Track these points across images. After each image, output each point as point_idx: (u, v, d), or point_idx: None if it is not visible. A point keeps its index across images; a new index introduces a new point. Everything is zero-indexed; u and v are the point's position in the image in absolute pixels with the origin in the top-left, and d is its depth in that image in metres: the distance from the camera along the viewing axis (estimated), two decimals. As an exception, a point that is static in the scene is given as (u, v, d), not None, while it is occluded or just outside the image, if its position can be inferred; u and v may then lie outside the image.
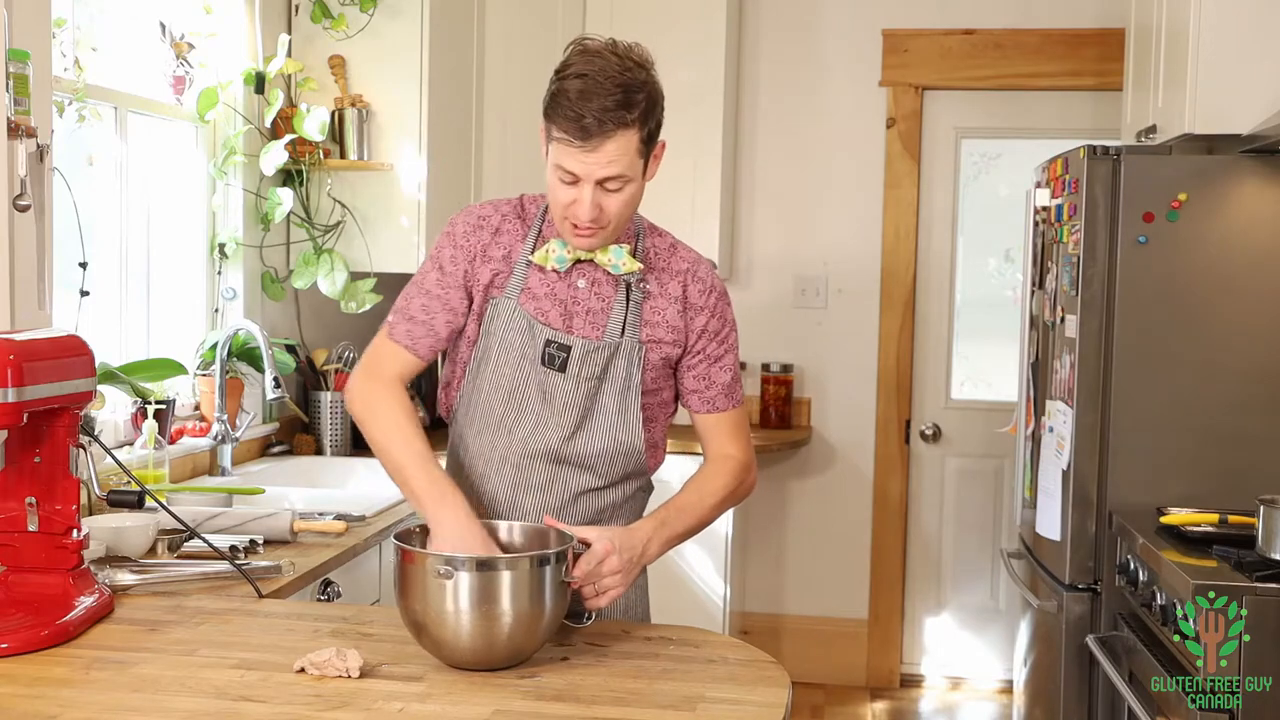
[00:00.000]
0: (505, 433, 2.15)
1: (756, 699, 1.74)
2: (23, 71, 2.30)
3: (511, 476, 2.16)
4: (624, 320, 2.13)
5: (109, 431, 3.07)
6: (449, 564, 1.78)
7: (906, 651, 4.99)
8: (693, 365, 2.19)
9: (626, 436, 2.16)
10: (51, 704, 1.69)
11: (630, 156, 1.99)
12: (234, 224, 3.62)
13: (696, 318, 2.17)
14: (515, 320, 2.12)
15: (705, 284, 2.19)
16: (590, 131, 1.95)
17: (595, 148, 1.96)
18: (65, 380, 1.98)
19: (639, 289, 2.14)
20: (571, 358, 2.11)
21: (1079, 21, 4.73)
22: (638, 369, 2.13)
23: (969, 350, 4.99)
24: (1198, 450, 3.20)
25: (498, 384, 2.14)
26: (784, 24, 4.91)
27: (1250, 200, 3.18)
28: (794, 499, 5.00)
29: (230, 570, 2.28)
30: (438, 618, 1.79)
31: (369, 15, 3.78)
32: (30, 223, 2.36)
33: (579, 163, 1.98)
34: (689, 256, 2.22)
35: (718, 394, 2.21)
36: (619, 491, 2.21)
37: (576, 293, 2.13)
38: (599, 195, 2.01)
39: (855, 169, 4.91)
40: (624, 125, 1.96)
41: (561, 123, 1.97)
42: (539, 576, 1.82)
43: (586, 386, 2.13)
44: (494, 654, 1.81)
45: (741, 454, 2.23)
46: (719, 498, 2.19)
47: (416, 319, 2.14)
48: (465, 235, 2.16)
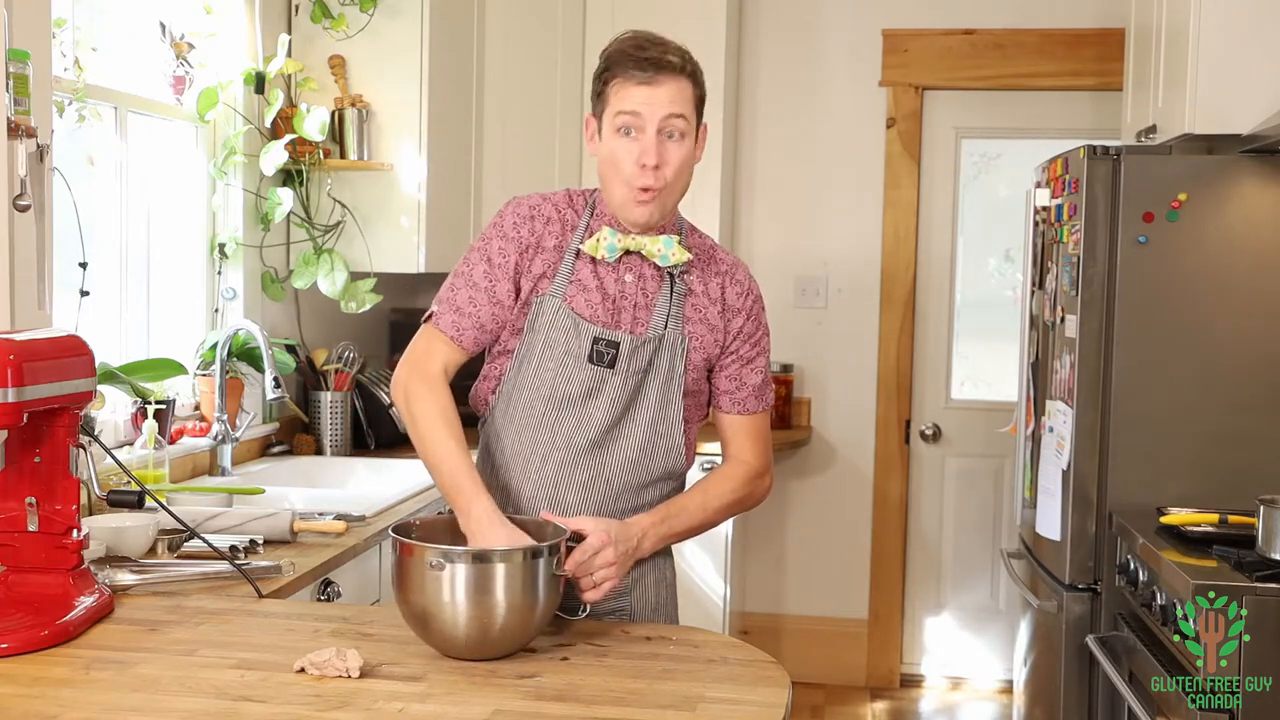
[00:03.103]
0: (547, 430, 2.14)
1: (756, 699, 1.74)
2: (23, 71, 2.30)
3: (554, 474, 2.14)
4: (668, 314, 2.14)
5: (109, 431, 3.07)
6: (444, 557, 1.80)
7: (906, 651, 5.00)
8: (726, 366, 2.21)
9: (666, 429, 2.16)
10: (51, 704, 1.68)
11: (689, 104, 2.08)
12: (234, 224, 3.62)
13: (734, 320, 2.19)
14: (560, 319, 2.12)
15: (743, 287, 2.22)
16: (658, 66, 2.05)
17: (659, 83, 2.05)
18: (65, 380, 1.98)
19: (683, 281, 2.16)
20: (620, 353, 2.11)
21: (1079, 21, 4.73)
22: (682, 361, 2.14)
23: (969, 350, 4.99)
24: (1198, 450, 3.20)
25: (540, 382, 2.13)
26: (784, 24, 4.91)
27: (1250, 200, 3.18)
28: (794, 499, 5.00)
29: (230, 570, 2.28)
30: (434, 609, 1.81)
31: (369, 15, 3.78)
32: (30, 223, 2.36)
33: (644, 100, 2.05)
34: (727, 259, 2.24)
35: (748, 395, 2.22)
36: (658, 490, 2.20)
37: (624, 287, 2.14)
38: (661, 145, 2.06)
39: (855, 169, 4.91)
40: (683, 72, 2.07)
41: (623, 68, 2.07)
42: (532, 569, 1.84)
43: (634, 380, 2.13)
44: (488, 644, 1.83)
45: (758, 461, 2.24)
46: (725, 502, 2.19)
47: (463, 310, 2.14)
48: (515, 227, 2.16)
